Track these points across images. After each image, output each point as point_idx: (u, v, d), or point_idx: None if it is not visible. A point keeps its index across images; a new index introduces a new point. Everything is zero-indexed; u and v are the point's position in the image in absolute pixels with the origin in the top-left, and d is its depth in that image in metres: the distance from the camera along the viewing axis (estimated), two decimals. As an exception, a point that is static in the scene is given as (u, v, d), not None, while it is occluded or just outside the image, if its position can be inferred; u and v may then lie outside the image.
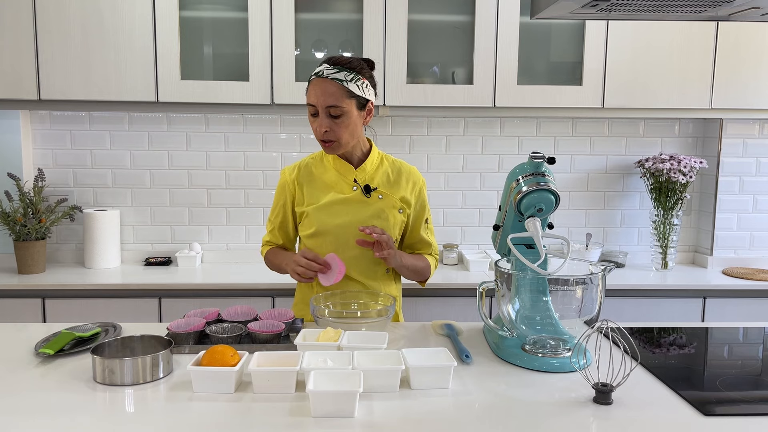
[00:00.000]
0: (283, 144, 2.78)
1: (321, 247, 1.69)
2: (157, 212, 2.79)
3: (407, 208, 1.73)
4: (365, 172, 1.71)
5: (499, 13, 2.46)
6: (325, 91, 1.56)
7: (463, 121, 2.82)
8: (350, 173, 1.70)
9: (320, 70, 1.59)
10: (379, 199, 1.70)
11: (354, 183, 1.70)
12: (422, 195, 1.77)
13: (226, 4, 2.51)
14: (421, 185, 1.77)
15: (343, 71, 1.58)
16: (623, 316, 2.44)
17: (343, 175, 1.70)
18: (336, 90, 1.56)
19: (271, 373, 1.16)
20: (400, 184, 1.73)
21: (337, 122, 1.59)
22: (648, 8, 1.36)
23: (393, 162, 1.77)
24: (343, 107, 1.57)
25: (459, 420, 1.07)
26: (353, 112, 1.60)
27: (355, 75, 1.59)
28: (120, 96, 2.41)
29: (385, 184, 1.72)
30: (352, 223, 1.66)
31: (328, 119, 1.58)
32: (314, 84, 1.59)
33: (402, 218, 1.73)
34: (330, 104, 1.57)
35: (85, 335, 1.42)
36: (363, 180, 1.70)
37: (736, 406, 1.15)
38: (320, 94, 1.57)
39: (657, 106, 2.54)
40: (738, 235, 2.81)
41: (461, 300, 2.41)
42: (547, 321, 1.31)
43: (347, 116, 1.59)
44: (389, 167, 1.75)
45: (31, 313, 2.35)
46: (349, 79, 1.58)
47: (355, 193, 1.69)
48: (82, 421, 1.05)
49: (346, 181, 1.70)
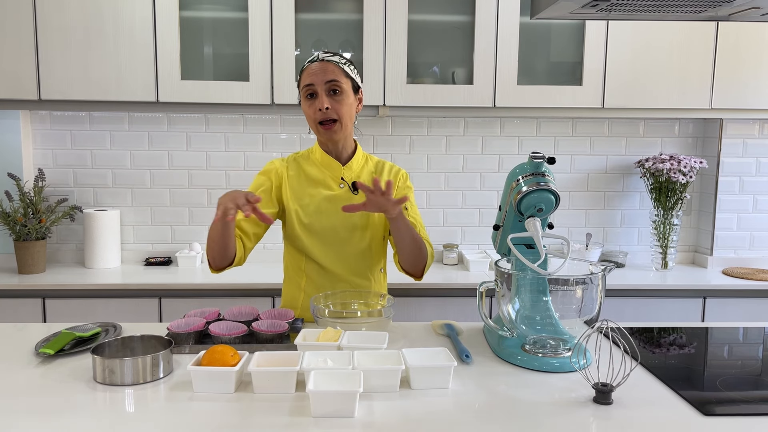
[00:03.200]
0: (283, 144, 2.78)
1: (308, 246, 1.70)
2: (157, 212, 2.79)
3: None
4: (352, 170, 1.73)
5: (499, 13, 2.46)
6: (325, 69, 1.62)
7: (463, 121, 2.82)
8: (338, 170, 1.72)
9: (316, 56, 1.67)
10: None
11: (341, 180, 1.71)
12: (402, 183, 1.78)
13: (226, 4, 2.51)
14: (402, 175, 1.79)
15: (337, 56, 1.67)
16: (623, 316, 2.45)
17: (331, 173, 1.72)
18: (335, 68, 1.64)
19: (271, 373, 1.16)
20: (383, 177, 1.76)
21: (337, 99, 1.63)
22: (648, 8, 1.37)
23: (377, 162, 1.80)
24: (341, 84, 1.63)
25: (459, 420, 1.07)
26: (350, 93, 1.66)
27: (347, 61, 1.68)
28: (120, 96, 2.41)
29: (369, 182, 1.74)
30: (339, 221, 1.68)
31: (327, 96, 1.62)
32: (312, 67, 1.64)
33: None
34: (330, 79, 1.61)
35: (85, 335, 1.42)
36: (350, 177, 1.72)
37: (736, 406, 1.15)
38: (320, 72, 1.62)
39: (657, 106, 2.54)
40: (738, 235, 2.81)
41: (461, 300, 2.41)
42: (547, 321, 1.31)
43: (346, 95, 1.64)
44: (373, 166, 1.78)
45: (31, 313, 2.35)
46: (343, 63, 1.66)
47: (342, 191, 1.71)
48: (82, 421, 1.05)
49: (334, 179, 1.72)
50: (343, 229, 1.68)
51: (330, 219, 1.68)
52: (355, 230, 1.69)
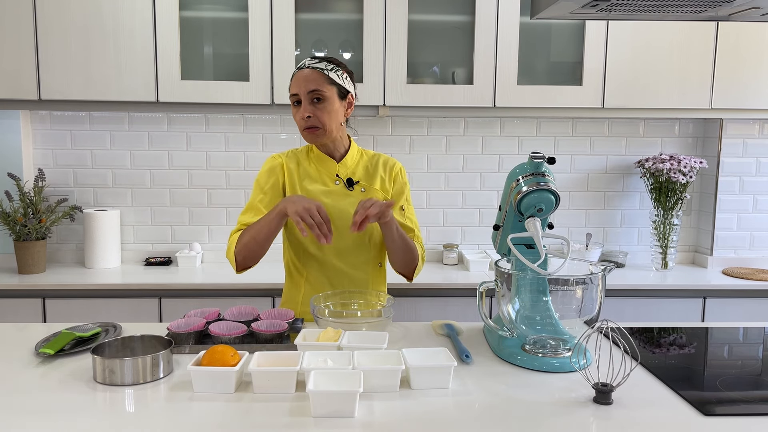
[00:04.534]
0: (283, 144, 2.78)
1: (305, 240, 1.72)
2: (157, 212, 2.79)
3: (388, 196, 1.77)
4: (347, 166, 1.76)
5: (499, 13, 2.46)
6: (307, 78, 1.64)
7: (463, 121, 2.82)
8: (332, 168, 1.74)
9: (302, 63, 1.68)
10: (362, 192, 1.74)
11: (336, 177, 1.74)
12: (399, 179, 1.79)
13: (226, 4, 2.51)
14: (398, 170, 1.80)
15: (323, 62, 1.67)
16: (623, 316, 2.44)
17: (326, 170, 1.74)
18: (317, 76, 1.64)
19: (271, 373, 1.16)
20: (378, 172, 1.77)
21: (319, 107, 1.65)
22: (648, 8, 1.37)
23: (372, 155, 1.82)
24: (324, 92, 1.64)
25: (459, 420, 1.07)
26: (334, 99, 1.66)
27: (335, 66, 1.68)
28: (120, 96, 2.41)
29: (364, 177, 1.76)
30: (336, 217, 1.69)
31: (310, 105, 1.65)
32: (298, 75, 1.66)
33: None
34: (311, 89, 1.63)
35: (85, 335, 1.42)
36: (345, 174, 1.75)
37: (736, 406, 1.15)
38: (303, 81, 1.64)
39: (657, 106, 2.54)
40: (738, 235, 2.81)
41: (461, 300, 2.41)
42: (547, 321, 1.31)
43: (329, 102, 1.65)
44: (368, 161, 1.80)
45: (31, 313, 2.35)
46: (329, 69, 1.67)
47: (337, 187, 1.73)
48: (82, 421, 1.05)
49: (329, 176, 1.74)
50: (341, 224, 1.69)
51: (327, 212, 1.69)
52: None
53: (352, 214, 1.68)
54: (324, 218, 1.51)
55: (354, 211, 1.55)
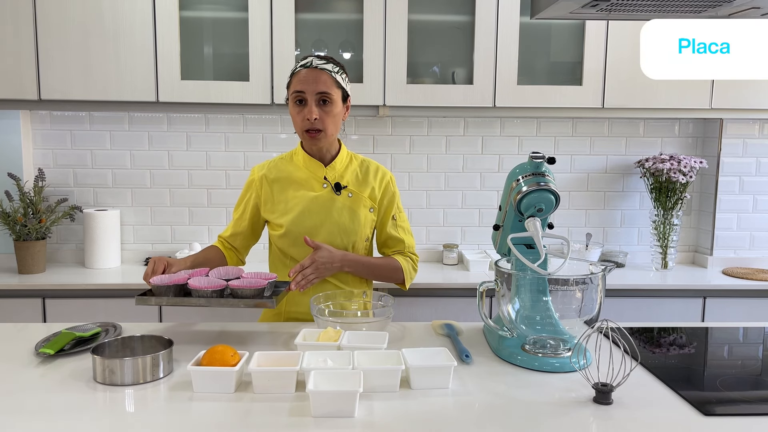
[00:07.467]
0: (283, 144, 2.78)
1: (291, 247, 1.70)
2: (157, 212, 2.79)
3: (376, 206, 1.74)
4: (335, 170, 1.73)
5: (499, 13, 2.46)
6: (318, 79, 1.61)
7: (463, 121, 2.82)
8: (320, 171, 1.72)
9: (308, 62, 1.64)
10: (349, 197, 1.71)
11: (324, 180, 1.71)
12: (389, 189, 1.77)
13: (226, 4, 2.51)
14: (389, 179, 1.78)
15: (330, 63, 1.65)
16: (623, 316, 2.44)
17: (314, 173, 1.72)
18: (327, 78, 1.62)
19: (271, 373, 1.16)
20: (368, 180, 1.75)
21: (326, 110, 1.63)
22: (648, 8, 1.37)
23: (362, 161, 1.79)
24: (332, 95, 1.63)
25: (459, 420, 1.07)
26: (339, 103, 1.66)
27: (340, 69, 1.67)
28: (120, 96, 2.41)
29: (354, 183, 1.73)
30: (322, 223, 1.68)
31: (317, 107, 1.62)
32: (304, 73, 1.62)
33: (373, 217, 1.75)
34: (322, 90, 1.61)
35: (85, 335, 1.42)
36: (333, 178, 1.72)
37: (736, 406, 1.15)
38: (312, 81, 1.61)
39: (657, 106, 2.54)
40: (738, 235, 2.81)
41: (461, 300, 2.41)
42: (547, 321, 1.31)
43: (335, 106, 1.64)
44: (358, 166, 1.77)
45: (31, 313, 2.35)
46: (336, 71, 1.65)
47: (324, 191, 1.71)
48: (82, 421, 1.05)
49: (317, 179, 1.72)
50: (326, 231, 1.68)
51: (313, 220, 1.68)
52: (339, 231, 1.69)
53: (338, 219, 1.68)
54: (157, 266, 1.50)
55: (291, 269, 1.57)
